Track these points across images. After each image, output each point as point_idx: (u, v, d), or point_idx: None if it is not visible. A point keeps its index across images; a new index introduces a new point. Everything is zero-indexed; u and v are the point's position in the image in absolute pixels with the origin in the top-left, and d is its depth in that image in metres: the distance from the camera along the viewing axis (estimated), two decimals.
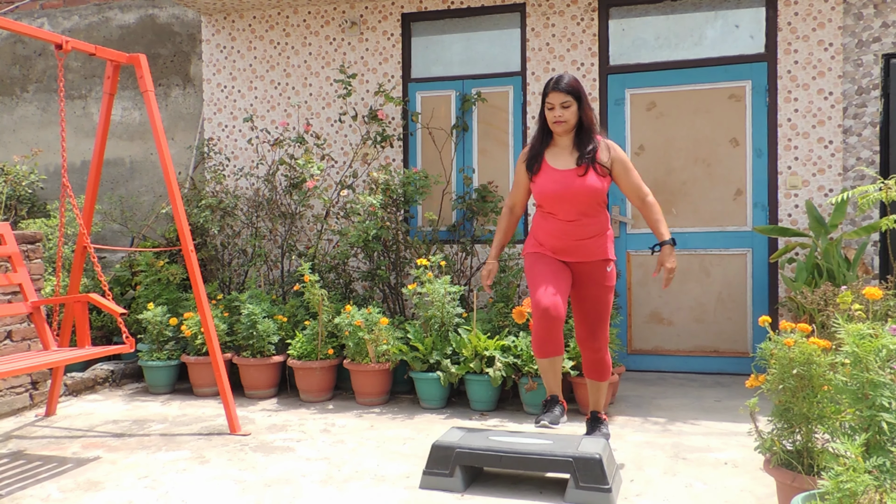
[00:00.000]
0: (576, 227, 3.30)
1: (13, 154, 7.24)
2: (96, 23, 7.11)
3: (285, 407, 4.49)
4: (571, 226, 3.30)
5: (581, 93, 3.30)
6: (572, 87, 3.28)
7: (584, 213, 3.30)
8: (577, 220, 3.30)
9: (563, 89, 3.27)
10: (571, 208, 3.29)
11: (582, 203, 3.28)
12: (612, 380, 4.12)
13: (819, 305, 4.11)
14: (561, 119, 3.29)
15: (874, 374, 2.15)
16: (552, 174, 3.32)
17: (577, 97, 3.29)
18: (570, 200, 3.28)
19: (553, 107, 3.29)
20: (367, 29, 5.91)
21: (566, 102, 3.28)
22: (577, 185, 3.27)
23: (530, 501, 2.85)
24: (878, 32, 4.89)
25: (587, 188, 3.27)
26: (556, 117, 3.29)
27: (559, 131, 3.33)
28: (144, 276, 5.39)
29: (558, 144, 3.39)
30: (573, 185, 3.27)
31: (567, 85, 3.28)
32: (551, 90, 3.28)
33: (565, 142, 3.37)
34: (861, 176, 4.92)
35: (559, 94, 3.27)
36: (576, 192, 3.27)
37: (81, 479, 3.16)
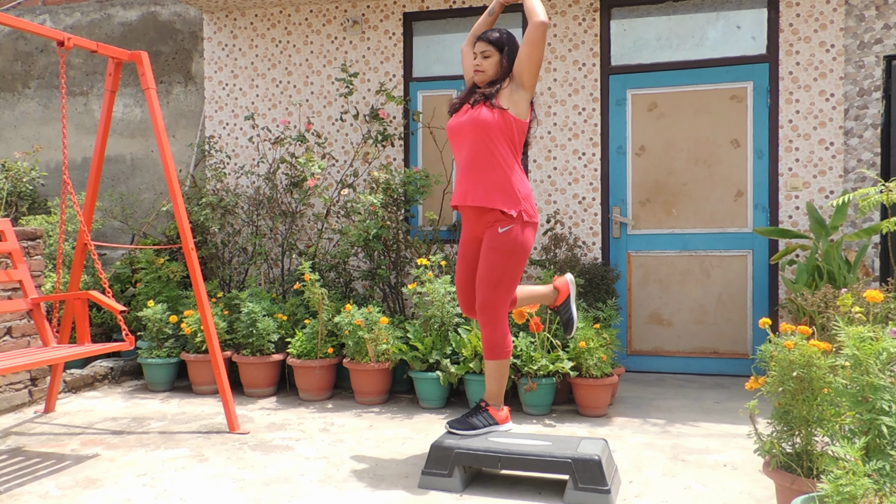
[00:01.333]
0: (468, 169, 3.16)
1: (14, 150, 7.24)
2: (98, 20, 7.11)
3: (284, 406, 4.49)
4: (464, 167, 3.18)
5: (504, 45, 3.19)
6: (496, 39, 3.19)
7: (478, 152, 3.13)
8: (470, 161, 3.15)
9: (485, 38, 3.21)
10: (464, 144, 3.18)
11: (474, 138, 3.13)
12: (612, 381, 4.12)
13: (819, 307, 4.10)
14: (479, 68, 3.21)
15: (874, 377, 2.14)
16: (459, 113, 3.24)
17: (499, 48, 3.19)
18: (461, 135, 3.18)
19: (476, 55, 3.23)
20: (369, 28, 5.90)
21: (486, 52, 3.20)
22: (469, 118, 3.15)
23: (529, 502, 2.85)
24: (879, 34, 4.88)
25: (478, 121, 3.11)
26: (475, 66, 3.22)
27: (479, 80, 3.24)
28: (145, 273, 5.39)
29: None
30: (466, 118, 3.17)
31: (491, 35, 3.20)
32: (477, 39, 3.23)
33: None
34: (862, 178, 4.92)
35: (481, 42, 3.21)
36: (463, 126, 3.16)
37: (80, 477, 3.16)
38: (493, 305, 3.16)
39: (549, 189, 5.53)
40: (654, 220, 5.38)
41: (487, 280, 3.15)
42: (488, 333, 3.17)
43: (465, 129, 3.17)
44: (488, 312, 3.16)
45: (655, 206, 5.37)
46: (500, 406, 3.25)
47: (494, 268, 3.13)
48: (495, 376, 3.22)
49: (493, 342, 3.17)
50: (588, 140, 5.45)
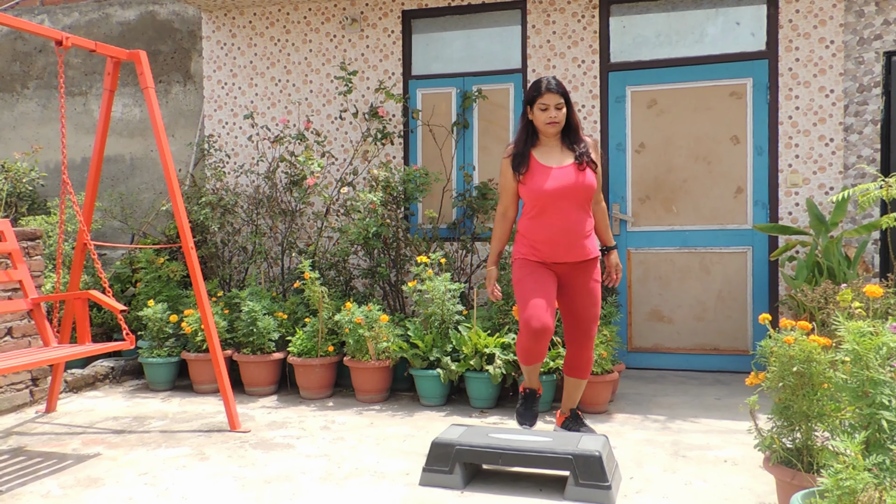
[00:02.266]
0: (573, 226, 3.34)
1: (13, 151, 7.24)
2: (96, 19, 7.10)
3: (285, 404, 4.50)
4: (569, 224, 3.33)
5: (569, 95, 3.40)
6: (564, 89, 3.38)
7: (580, 210, 3.35)
8: (575, 217, 3.34)
9: (556, 91, 3.34)
10: (570, 206, 3.33)
11: (580, 200, 3.34)
12: (612, 377, 4.12)
13: (819, 303, 4.10)
14: (555, 120, 3.35)
15: (874, 371, 2.15)
16: (546, 171, 3.35)
17: (567, 99, 3.38)
18: (570, 197, 3.32)
19: (547, 107, 3.34)
20: (368, 26, 5.90)
21: (559, 104, 3.35)
22: (578, 181, 3.33)
23: (530, 499, 2.85)
24: (879, 30, 4.88)
25: (587, 185, 3.34)
26: (550, 118, 3.35)
27: (553, 132, 3.39)
28: (145, 273, 5.39)
29: (545, 144, 3.44)
30: (573, 181, 3.32)
31: (559, 86, 3.36)
32: (545, 91, 3.33)
33: (553, 142, 3.44)
34: (862, 174, 4.92)
35: (554, 95, 3.33)
36: (576, 189, 3.32)
37: (81, 476, 3.16)
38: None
39: None
40: (654, 217, 5.38)
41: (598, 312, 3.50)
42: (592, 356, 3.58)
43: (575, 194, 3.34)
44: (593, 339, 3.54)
45: (655, 202, 5.37)
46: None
47: (599, 299, 3.51)
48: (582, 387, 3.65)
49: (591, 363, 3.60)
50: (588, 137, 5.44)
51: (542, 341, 3.31)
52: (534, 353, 3.36)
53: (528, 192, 3.37)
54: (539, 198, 3.33)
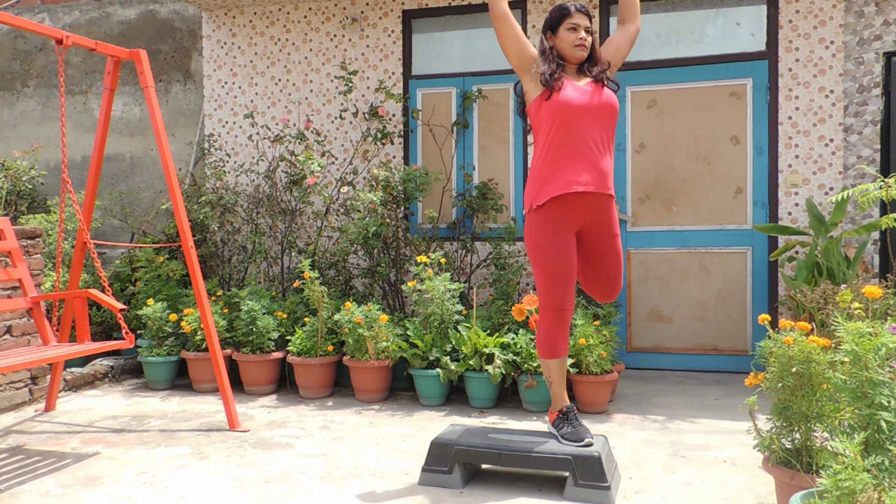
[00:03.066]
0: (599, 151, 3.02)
1: (13, 149, 7.24)
2: (97, 18, 7.10)
3: (285, 403, 4.50)
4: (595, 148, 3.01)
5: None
6: (590, 12, 3.11)
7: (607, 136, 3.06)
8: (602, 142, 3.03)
9: (586, 12, 3.07)
10: (596, 126, 3.02)
11: (605, 120, 3.04)
12: (612, 377, 4.12)
13: (819, 304, 4.11)
14: (584, 43, 3.04)
15: (873, 372, 2.15)
16: (575, 86, 3.03)
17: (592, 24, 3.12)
18: (596, 114, 3.01)
19: (577, 27, 3.03)
20: (368, 25, 5.90)
21: (589, 27, 3.08)
22: (601, 98, 3.03)
23: (529, 499, 2.85)
24: (879, 30, 4.88)
25: (610, 103, 3.04)
26: (579, 40, 3.03)
27: (581, 56, 3.06)
28: (144, 272, 5.39)
29: (567, 72, 3.11)
30: (598, 97, 3.02)
31: (588, 8, 3.08)
32: (575, 11, 3.05)
33: (572, 69, 3.12)
34: (861, 174, 4.92)
35: (584, 16, 3.06)
36: (601, 105, 3.02)
37: (80, 475, 3.16)
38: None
39: None
40: (654, 217, 5.38)
41: (622, 266, 3.21)
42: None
43: (602, 112, 3.02)
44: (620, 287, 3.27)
45: (655, 203, 5.37)
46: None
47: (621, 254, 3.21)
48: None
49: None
50: None
51: (566, 322, 3.06)
52: (559, 338, 3.05)
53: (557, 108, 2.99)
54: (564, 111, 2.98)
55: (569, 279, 3.06)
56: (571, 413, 3.06)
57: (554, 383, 3.12)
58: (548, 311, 3.07)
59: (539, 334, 3.12)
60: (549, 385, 3.15)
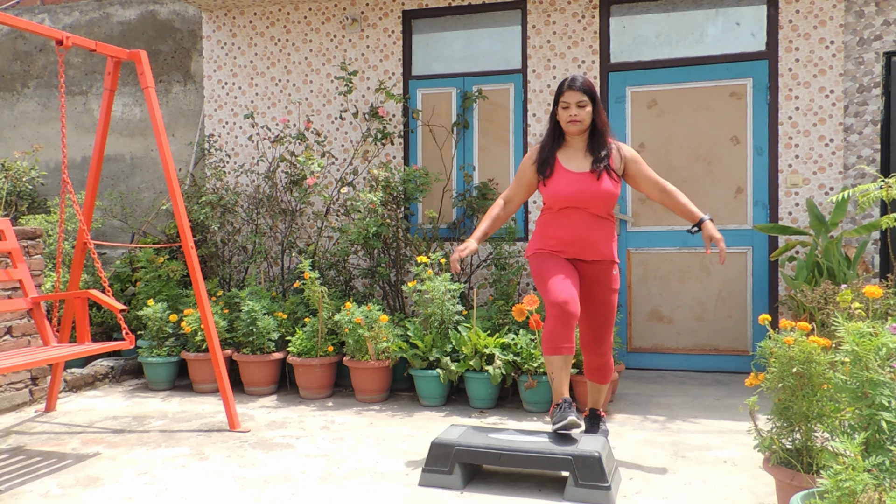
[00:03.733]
0: (588, 229, 3.28)
1: (14, 150, 7.24)
2: (97, 19, 7.10)
3: (285, 404, 4.50)
4: (584, 227, 3.28)
5: (596, 94, 3.29)
6: (588, 87, 3.25)
7: (597, 216, 3.30)
8: (591, 222, 3.29)
9: (579, 88, 3.23)
10: (586, 211, 3.28)
11: (597, 207, 3.28)
12: (612, 378, 4.12)
13: (819, 304, 4.10)
14: (576, 119, 3.24)
15: (874, 372, 2.15)
16: (567, 176, 3.28)
17: (592, 98, 3.27)
18: (587, 204, 3.26)
19: (569, 106, 3.25)
20: (368, 26, 5.90)
21: (582, 102, 3.24)
22: (594, 189, 3.25)
23: (529, 499, 2.85)
24: (879, 30, 4.88)
25: (603, 193, 3.25)
26: (571, 116, 3.25)
27: (574, 131, 3.29)
28: (144, 272, 5.39)
29: (571, 146, 3.35)
30: (590, 189, 3.25)
31: (583, 84, 3.24)
32: (567, 89, 3.24)
33: (578, 143, 3.34)
34: (862, 174, 4.92)
35: (576, 93, 3.23)
36: (592, 196, 3.24)
37: (81, 475, 3.16)
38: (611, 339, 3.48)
39: None
40: (654, 218, 5.38)
41: (610, 319, 3.42)
42: (611, 363, 3.50)
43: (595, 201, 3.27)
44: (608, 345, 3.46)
45: (655, 203, 5.37)
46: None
47: (614, 307, 3.41)
48: (606, 392, 3.61)
49: (611, 368, 3.53)
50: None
51: (570, 319, 3.09)
52: (563, 336, 3.08)
53: (547, 194, 3.32)
54: (557, 202, 3.29)
55: (565, 277, 3.22)
56: (565, 404, 3.11)
57: (555, 380, 3.16)
58: (551, 308, 3.14)
59: (544, 332, 3.19)
60: (551, 381, 3.19)
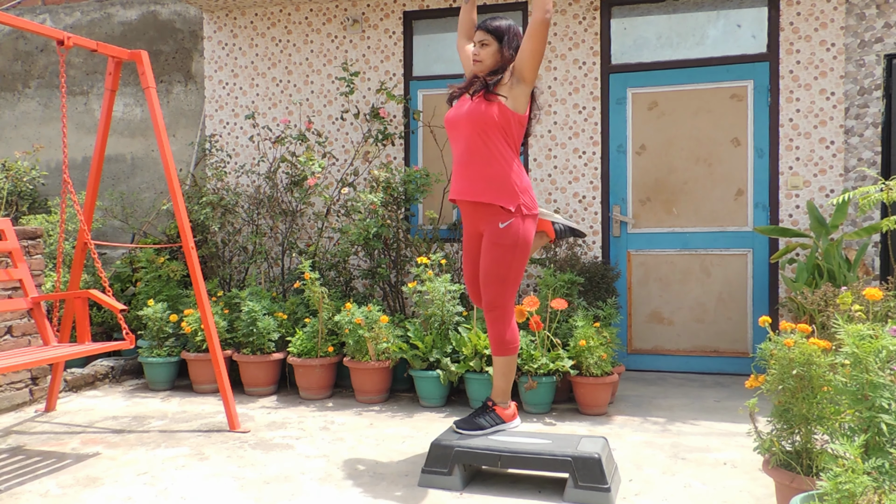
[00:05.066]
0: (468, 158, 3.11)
1: (14, 150, 7.25)
2: (98, 19, 7.11)
3: (285, 404, 4.50)
4: (464, 156, 3.12)
5: (504, 35, 3.12)
6: (496, 28, 3.11)
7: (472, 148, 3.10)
8: (469, 149, 3.10)
9: (484, 27, 3.13)
10: (461, 136, 3.13)
11: (469, 130, 3.09)
12: (612, 379, 4.12)
13: (819, 306, 4.10)
14: (477, 58, 3.14)
15: (874, 375, 2.15)
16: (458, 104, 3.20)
17: (498, 37, 3.12)
18: (460, 127, 3.13)
19: (475, 44, 3.16)
20: (369, 27, 5.90)
21: (485, 41, 3.13)
22: (469, 109, 3.10)
23: (529, 500, 2.85)
24: (880, 33, 4.88)
25: (475, 114, 3.06)
26: (472, 54, 3.17)
27: (476, 70, 3.16)
28: (145, 272, 5.39)
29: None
30: (466, 109, 3.11)
31: (490, 25, 3.12)
32: (478, 29, 3.16)
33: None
34: (862, 177, 4.92)
35: (480, 31, 3.15)
36: (462, 118, 3.11)
37: (81, 475, 3.17)
38: (501, 302, 3.11)
39: (549, 188, 5.53)
40: (655, 219, 5.38)
41: (494, 276, 3.09)
42: (497, 330, 3.14)
43: (462, 122, 3.12)
44: (497, 310, 3.12)
45: (656, 204, 5.37)
46: (507, 403, 3.24)
47: (500, 264, 3.08)
48: (503, 371, 3.19)
49: (502, 338, 3.14)
50: (588, 139, 5.45)
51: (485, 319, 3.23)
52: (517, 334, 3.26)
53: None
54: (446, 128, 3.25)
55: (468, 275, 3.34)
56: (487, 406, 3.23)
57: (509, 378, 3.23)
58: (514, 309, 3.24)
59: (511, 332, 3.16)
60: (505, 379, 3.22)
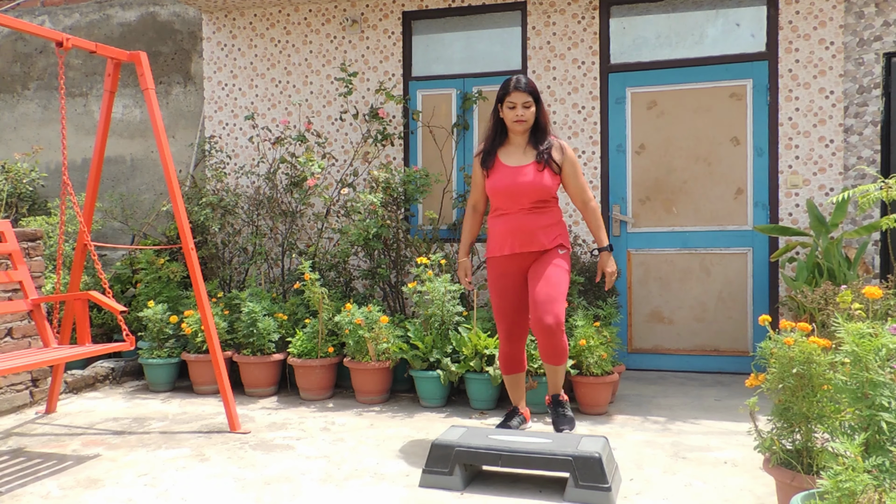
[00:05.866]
0: (527, 224, 3.49)
1: (14, 151, 7.25)
2: (97, 20, 7.11)
3: (285, 405, 4.50)
4: (523, 222, 3.49)
5: (538, 94, 3.51)
6: (533, 88, 3.47)
7: (535, 207, 3.48)
8: (530, 215, 3.49)
9: (524, 89, 3.45)
10: (523, 204, 3.48)
11: (533, 198, 3.47)
12: (612, 378, 4.12)
13: (819, 304, 4.10)
14: (522, 119, 3.47)
15: (874, 373, 2.15)
16: (504, 170, 3.51)
17: (536, 98, 3.48)
18: (523, 196, 3.46)
19: (515, 106, 3.46)
20: (368, 27, 5.90)
21: (527, 103, 3.46)
22: (535, 180, 3.46)
23: (529, 500, 2.85)
24: (879, 31, 4.88)
25: (543, 185, 3.47)
26: (517, 116, 3.46)
27: (519, 130, 3.51)
28: (145, 273, 5.39)
29: (513, 143, 3.57)
30: (529, 180, 3.46)
31: (527, 86, 3.46)
32: (513, 90, 3.45)
33: (519, 140, 3.56)
34: (862, 175, 4.92)
35: (522, 93, 3.44)
36: (530, 187, 3.45)
37: (81, 477, 3.17)
38: (563, 317, 3.47)
39: None
40: (654, 219, 5.38)
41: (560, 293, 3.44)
42: (562, 342, 3.49)
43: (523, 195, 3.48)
44: (562, 324, 3.44)
45: (655, 204, 5.37)
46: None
47: (560, 280, 3.46)
48: (561, 374, 3.65)
49: (565, 349, 3.53)
50: (588, 138, 5.45)
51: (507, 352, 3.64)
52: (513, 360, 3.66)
53: (489, 188, 3.55)
54: (495, 195, 3.53)
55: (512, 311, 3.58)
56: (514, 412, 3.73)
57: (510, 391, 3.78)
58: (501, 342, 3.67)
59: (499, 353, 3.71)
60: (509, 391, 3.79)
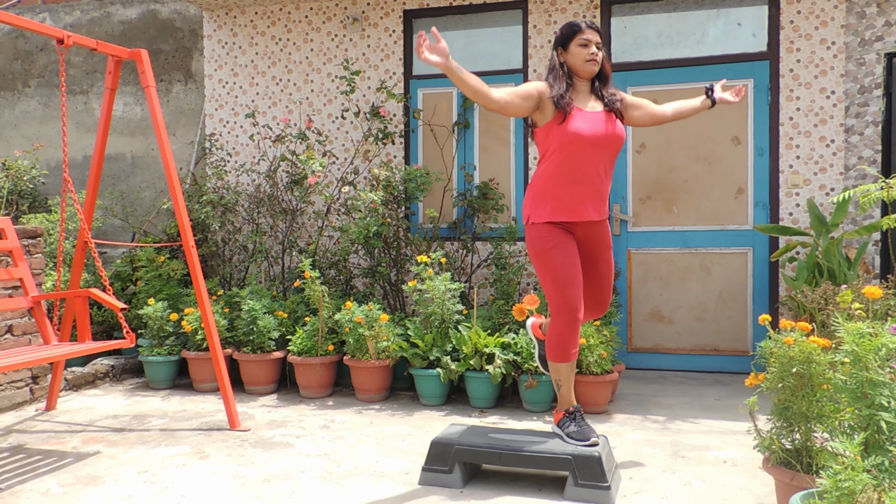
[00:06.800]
0: (602, 179, 3.09)
1: (14, 149, 7.25)
2: (98, 18, 7.11)
3: (285, 403, 4.50)
4: (599, 175, 3.07)
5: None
6: (599, 28, 3.11)
7: (610, 163, 3.12)
8: (604, 170, 3.09)
9: (596, 28, 3.09)
10: (603, 156, 3.06)
11: (611, 151, 3.09)
12: (612, 378, 4.12)
13: (819, 304, 4.10)
14: (595, 58, 3.07)
15: (873, 373, 2.15)
16: (584, 115, 3.05)
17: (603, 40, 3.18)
18: (604, 147, 3.05)
19: (588, 44, 3.06)
20: (369, 25, 5.90)
21: (599, 43, 3.10)
22: (610, 129, 3.07)
23: (529, 499, 2.86)
24: (880, 31, 4.88)
25: (618, 134, 3.09)
26: (591, 55, 3.06)
27: (591, 71, 3.09)
28: (145, 271, 5.39)
29: (578, 90, 3.14)
30: (606, 129, 3.05)
31: (595, 24, 3.10)
32: (587, 28, 3.07)
33: (584, 88, 3.15)
34: (863, 175, 4.92)
35: (594, 31, 3.09)
36: (610, 138, 3.06)
37: (81, 474, 3.17)
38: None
39: None
40: (655, 218, 5.38)
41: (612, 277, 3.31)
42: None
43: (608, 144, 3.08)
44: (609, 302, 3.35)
45: (656, 203, 5.37)
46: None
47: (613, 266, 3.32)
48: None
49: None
50: None
51: (578, 327, 3.05)
52: (571, 342, 3.04)
53: (565, 137, 3.01)
54: (575, 142, 3.00)
55: (577, 279, 3.04)
56: (578, 413, 3.08)
57: (563, 386, 3.13)
58: (560, 314, 3.03)
59: (551, 338, 3.08)
60: (558, 388, 3.14)
